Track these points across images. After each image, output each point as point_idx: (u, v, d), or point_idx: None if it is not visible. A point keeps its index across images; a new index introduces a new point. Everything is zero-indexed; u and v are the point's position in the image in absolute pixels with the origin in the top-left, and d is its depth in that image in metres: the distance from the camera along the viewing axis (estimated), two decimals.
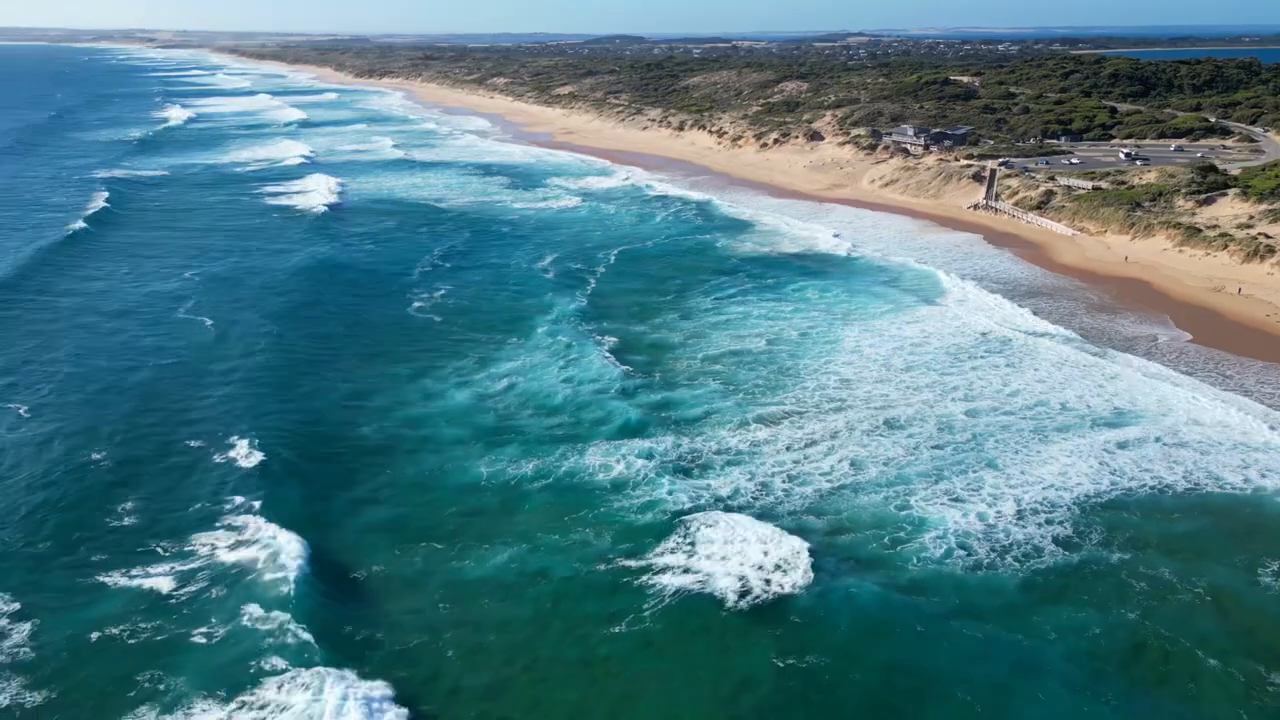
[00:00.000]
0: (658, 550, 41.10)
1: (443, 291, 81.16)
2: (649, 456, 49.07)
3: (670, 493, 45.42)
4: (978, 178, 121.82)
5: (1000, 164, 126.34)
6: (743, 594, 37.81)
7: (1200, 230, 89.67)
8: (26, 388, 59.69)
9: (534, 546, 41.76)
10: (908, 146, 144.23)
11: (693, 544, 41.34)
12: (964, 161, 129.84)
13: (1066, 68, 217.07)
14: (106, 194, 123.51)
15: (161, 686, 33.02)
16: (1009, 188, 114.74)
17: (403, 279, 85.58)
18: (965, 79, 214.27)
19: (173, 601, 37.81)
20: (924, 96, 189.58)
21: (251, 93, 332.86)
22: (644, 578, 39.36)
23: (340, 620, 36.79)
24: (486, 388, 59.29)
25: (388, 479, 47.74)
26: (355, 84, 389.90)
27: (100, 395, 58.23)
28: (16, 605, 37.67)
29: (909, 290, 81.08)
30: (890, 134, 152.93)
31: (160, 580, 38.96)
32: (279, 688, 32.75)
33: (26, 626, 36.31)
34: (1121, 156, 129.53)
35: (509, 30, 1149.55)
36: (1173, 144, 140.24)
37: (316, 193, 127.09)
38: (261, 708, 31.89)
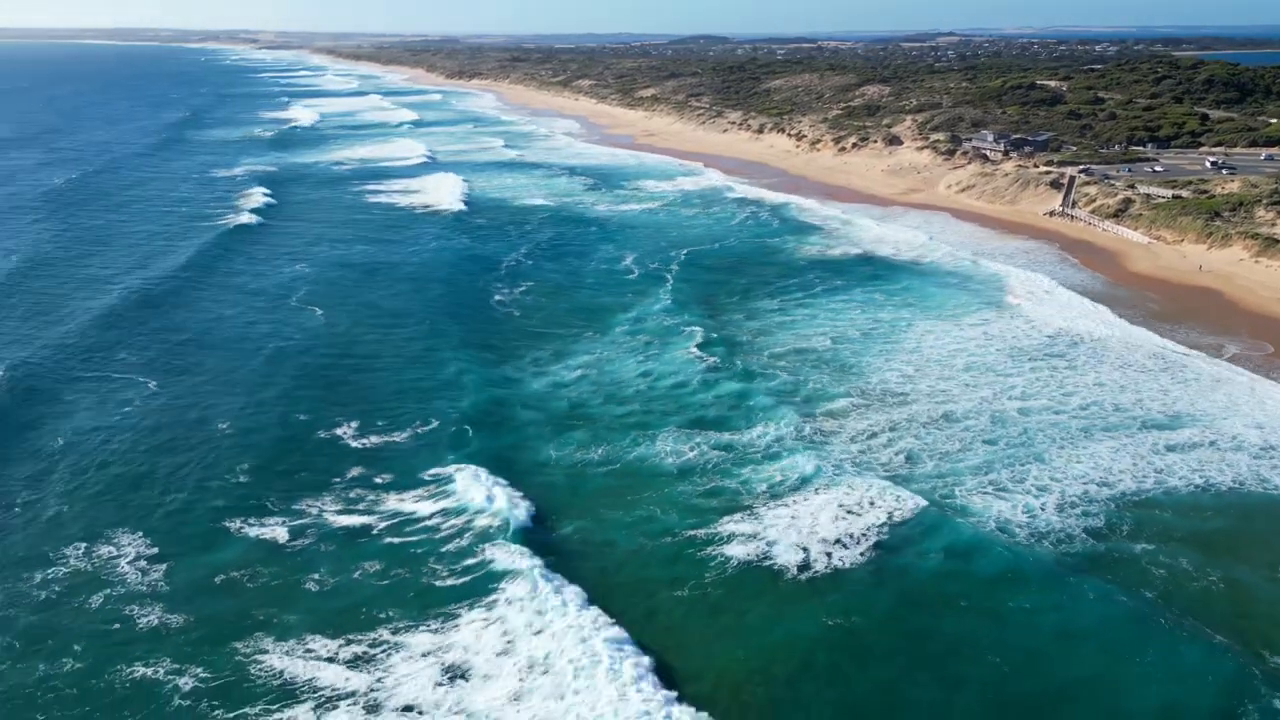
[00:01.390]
0: (722, 523, 44.57)
1: (534, 283, 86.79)
2: (726, 449, 52.25)
3: (742, 482, 48.57)
4: (1056, 185, 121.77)
5: (1080, 171, 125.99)
6: (803, 566, 41.14)
7: (1279, 241, 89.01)
8: (191, 356, 67.70)
9: (599, 521, 45.56)
10: (987, 152, 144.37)
11: (759, 519, 44.77)
12: (1043, 168, 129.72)
13: (1159, 72, 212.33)
14: (259, 189, 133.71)
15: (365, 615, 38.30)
16: (1086, 195, 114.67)
17: (499, 272, 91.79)
18: (1052, 84, 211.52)
19: (287, 551, 42.99)
20: (1008, 101, 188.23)
21: (362, 93, 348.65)
22: (708, 549, 42.76)
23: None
24: (567, 376, 63.75)
25: (466, 455, 52.10)
26: (447, 85, 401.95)
27: (225, 366, 65.32)
28: (156, 549, 43.32)
29: (976, 293, 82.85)
30: (970, 139, 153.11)
31: (279, 530, 44.39)
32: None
33: (164, 565, 41.84)
34: (1207, 165, 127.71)
35: (594, 31, 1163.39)
36: (1263, 153, 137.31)
37: (442, 190, 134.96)
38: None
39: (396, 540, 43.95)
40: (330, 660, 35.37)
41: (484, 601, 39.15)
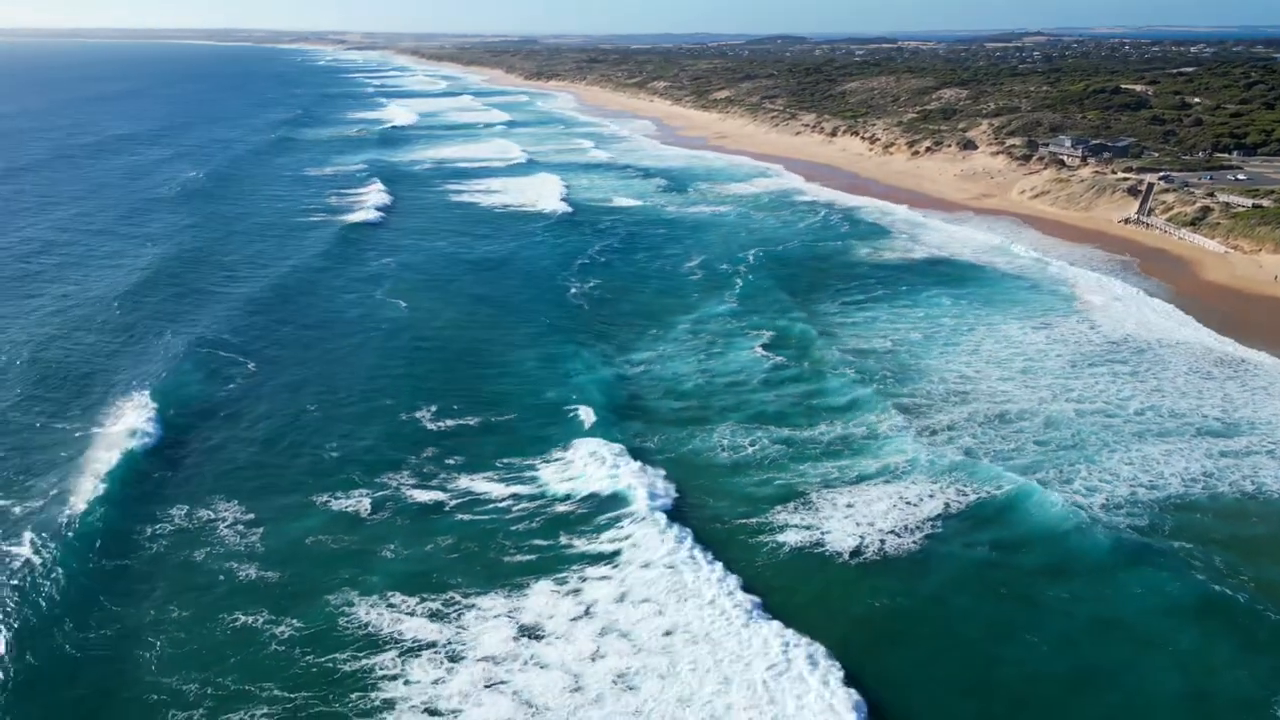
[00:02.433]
0: (775, 511, 46.77)
1: (605, 282, 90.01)
2: (786, 443, 54.19)
3: (800, 475, 50.44)
4: (1133, 192, 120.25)
5: (1160, 178, 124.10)
6: (855, 552, 43.20)
7: None
8: (296, 341, 73.06)
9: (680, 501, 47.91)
10: (1064, 158, 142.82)
11: (816, 509, 46.80)
12: (1120, 174, 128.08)
13: (1252, 77, 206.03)
14: (372, 187, 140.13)
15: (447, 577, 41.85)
16: (1163, 203, 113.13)
17: (591, 268, 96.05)
18: (1138, 88, 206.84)
19: (368, 521, 46.51)
20: (1089, 106, 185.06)
21: (453, 94, 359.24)
22: (761, 536, 44.90)
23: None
24: (637, 370, 66.64)
25: (539, 441, 55.20)
26: (526, 86, 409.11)
27: (323, 350, 70.48)
28: (251, 515, 47.34)
29: (1043, 299, 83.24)
30: (1047, 144, 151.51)
31: (362, 502, 48.10)
32: None
33: (260, 529, 45.81)
34: None
35: (671, 31, 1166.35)
36: None
37: (544, 190, 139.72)
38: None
39: (467, 517, 46.83)
40: (411, 614, 38.84)
41: (556, 575, 42.21)
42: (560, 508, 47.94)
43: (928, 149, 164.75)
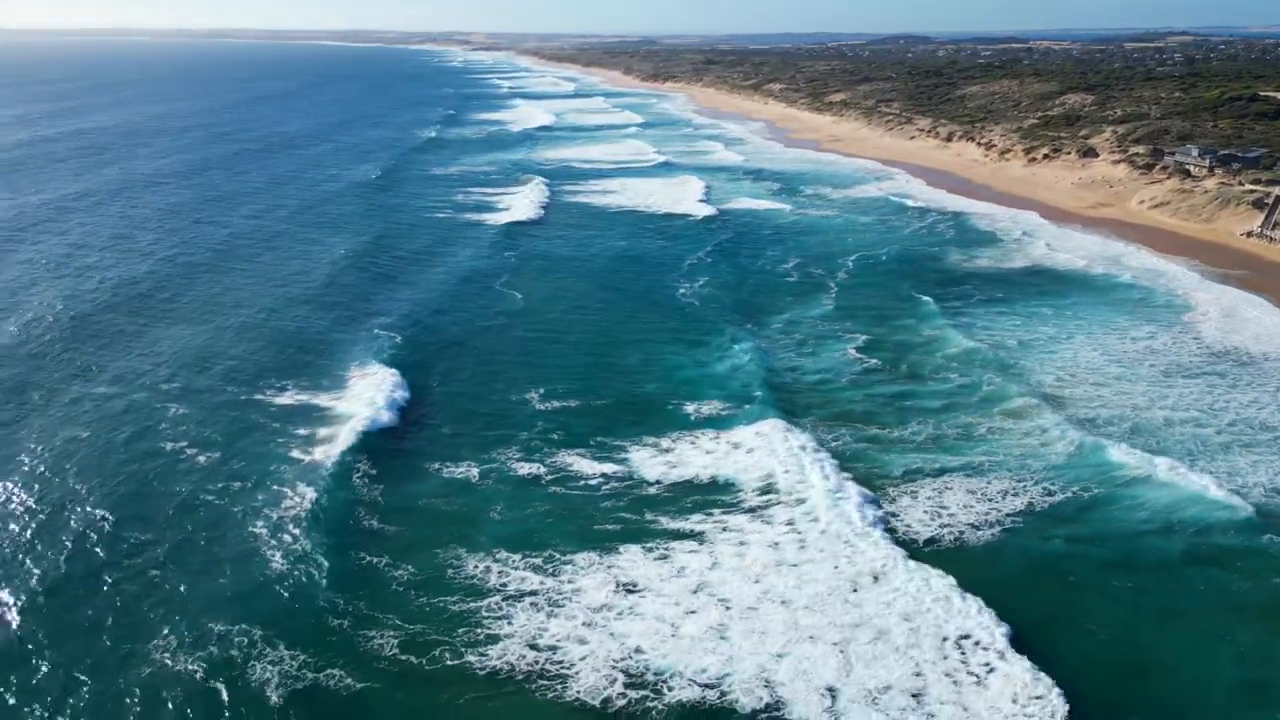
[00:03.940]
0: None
1: (708, 280, 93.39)
2: (874, 441, 56.32)
3: (881, 466, 52.93)
4: (1259, 204, 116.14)
5: None
6: (929, 541, 45.50)
7: None
8: (443, 325, 79.30)
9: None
10: (1189, 167, 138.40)
11: (892, 501, 49.19)
12: (1248, 186, 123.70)
13: None
14: (529, 183, 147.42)
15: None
16: None
17: (703, 266, 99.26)
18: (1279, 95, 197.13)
19: (478, 486, 51.32)
20: (1222, 114, 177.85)
21: (584, 95, 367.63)
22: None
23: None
24: (743, 363, 69.18)
25: (635, 425, 59.22)
26: (644, 87, 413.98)
27: (455, 334, 75.61)
28: (374, 472, 52.60)
29: (1149, 310, 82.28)
30: (1172, 153, 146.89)
31: (470, 470, 52.95)
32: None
33: (380, 486, 50.99)
34: None
35: (790, 30, 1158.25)
36: None
37: (688, 189, 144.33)
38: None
39: (560, 490, 50.80)
40: (515, 568, 43.28)
41: (644, 543, 45.97)
42: (650, 490, 51.14)
43: (1045, 156, 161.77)
